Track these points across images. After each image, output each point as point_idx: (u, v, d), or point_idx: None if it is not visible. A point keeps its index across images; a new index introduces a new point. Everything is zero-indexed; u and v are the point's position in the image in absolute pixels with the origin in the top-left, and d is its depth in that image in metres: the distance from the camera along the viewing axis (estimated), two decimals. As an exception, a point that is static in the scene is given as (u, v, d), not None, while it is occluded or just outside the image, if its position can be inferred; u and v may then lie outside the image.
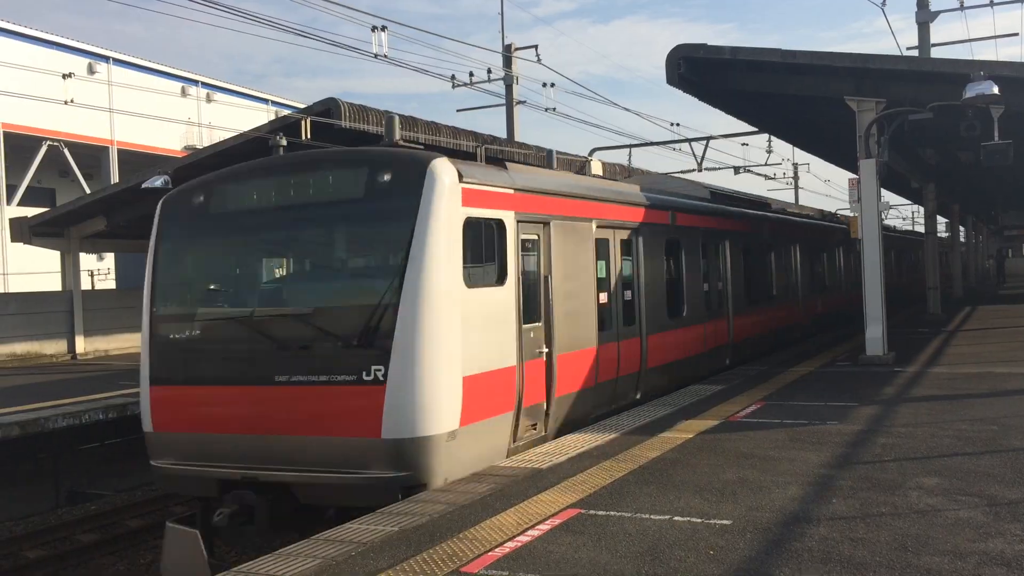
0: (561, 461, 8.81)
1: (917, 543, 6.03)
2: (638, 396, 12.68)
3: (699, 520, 6.70)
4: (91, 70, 37.89)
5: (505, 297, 9.35)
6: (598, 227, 11.71)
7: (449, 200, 8.52)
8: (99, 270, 36.08)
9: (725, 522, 6.63)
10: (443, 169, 8.61)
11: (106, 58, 39.65)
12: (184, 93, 41.28)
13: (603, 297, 11.75)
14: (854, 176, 16.67)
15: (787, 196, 54.71)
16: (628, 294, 12.72)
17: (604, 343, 11.63)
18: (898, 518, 6.61)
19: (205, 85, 45.36)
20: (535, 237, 10.22)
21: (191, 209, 9.49)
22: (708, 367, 15.58)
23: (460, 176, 8.76)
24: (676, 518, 6.78)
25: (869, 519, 6.60)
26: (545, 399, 10.15)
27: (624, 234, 12.64)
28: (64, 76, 29.50)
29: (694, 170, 31.12)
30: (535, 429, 9.98)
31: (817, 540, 6.14)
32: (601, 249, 11.89)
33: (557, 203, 10.67)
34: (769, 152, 36.72)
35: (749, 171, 36.59)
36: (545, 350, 10.13)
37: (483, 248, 9.08)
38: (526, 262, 9.98)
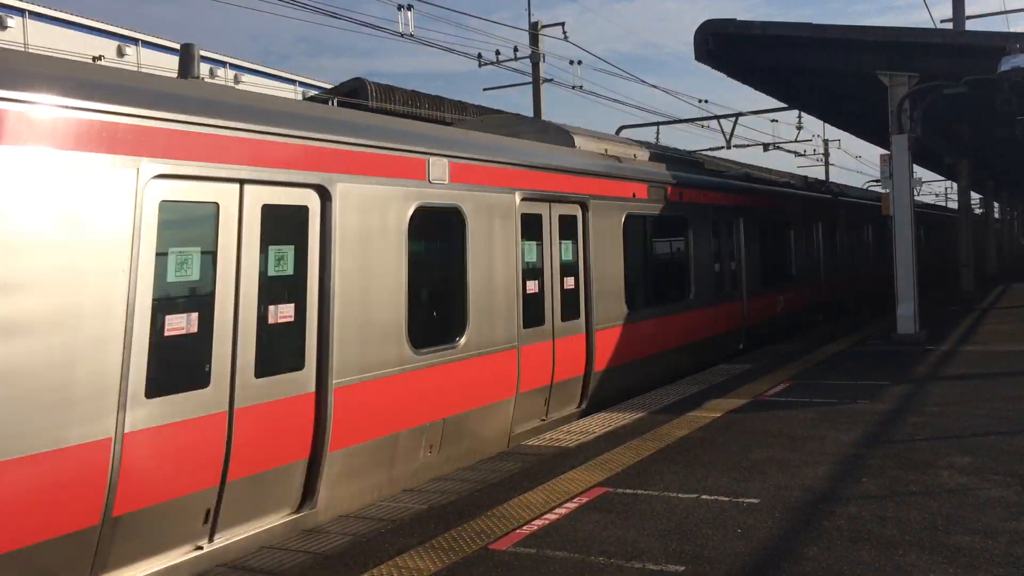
0: (588, 440, 8.84)
1: (948, 522, 5.99)
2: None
3: (727, 499, 6.70)
4: (120, 52, 38.17)
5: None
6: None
7: None
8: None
9: (753, 501, 6.62)
10: None
11: (135, 40, 39.91)
12: (212, 75, 41.52)
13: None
14: (886, 152, 16.44)
15: (818, 172, 54.18)
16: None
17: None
18: (929, 497, 6.57)
19: (233, 66, 45.58)
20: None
21: None
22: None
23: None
24: (704, 496, 6.79)
25: (899, 498, 6.56)
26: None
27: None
28: (94, 59, 29.77)
29: (722, 147, 30.85)
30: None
31: (846, 519, 6.12)
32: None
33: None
34: (799, 128, 36.27)
35: (779, 148, 36.18)
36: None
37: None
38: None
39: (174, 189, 5.94)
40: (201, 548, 6.08)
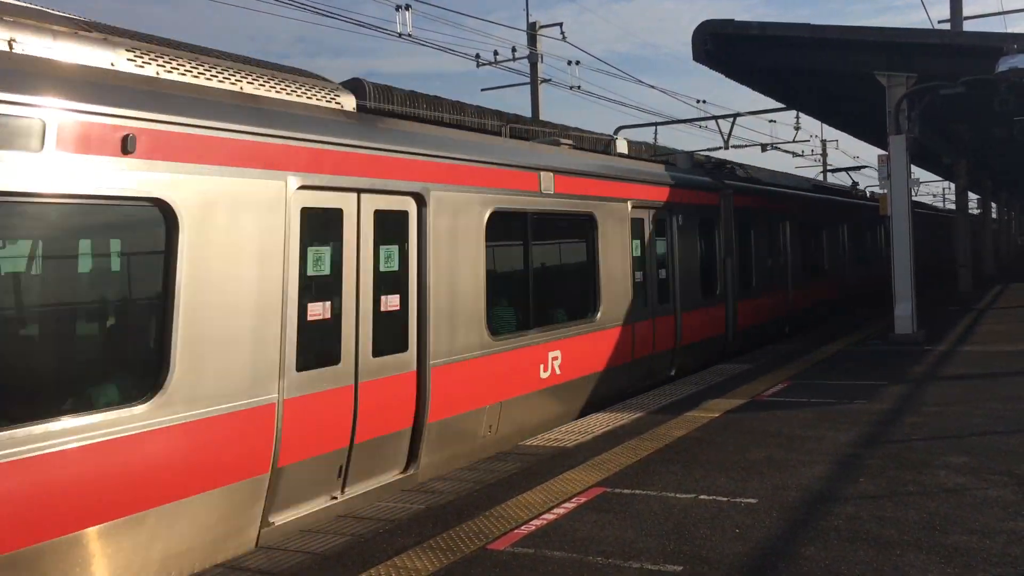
0: (586, 440, 8.84)
1: (945, 521, 6.00)
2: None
3: (725, 499, 6.71)
4: (119, 52, 38.08)
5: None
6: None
7: None
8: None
9: (751, 500, 6.63)
10: None
11: (133, 40, 39.82)
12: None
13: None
14: (884, 152, 16.46)
15: (815, 173, 54.17)
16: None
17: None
18: (926, 497, 6.57)
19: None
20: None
21: None
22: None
23: None
24: (702, 496, 6.79)
25: (896, 498, 6.57)
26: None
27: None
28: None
29: (720, 148, 30.85)
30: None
31: (844, 519, 6.13)
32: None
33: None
34: (797, 129, 36.34)
35: (777, 148, 36.22)
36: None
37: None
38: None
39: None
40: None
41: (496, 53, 25.92)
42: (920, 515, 6.16)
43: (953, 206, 34.50)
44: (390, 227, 7.90)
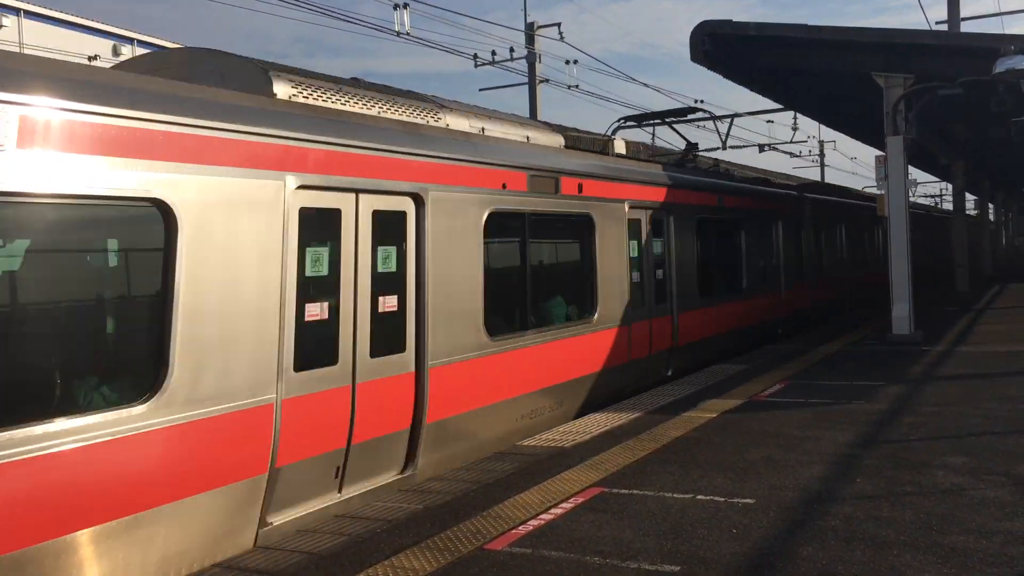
0: (584, 440, 8.84)
1: (942, 522, 6.01)
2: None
3: (722, 499, 6.71)
4: (116, 52, 38.10)
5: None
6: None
7: None
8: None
9: (748, 501, 6.63)
10: None
11: (131, 40, 39.84)
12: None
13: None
14: (881, 153, 16.48)
15: (813, 174, 54.21)
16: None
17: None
18: (923, 497, 6.58)
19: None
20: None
21: None
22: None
23: None
24: (699, 497, 6.79)
25: (894, 498, 6.57)
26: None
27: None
28: (90, 58, 29.73)
29: (718, 148, 30.87)
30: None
31: (841, 519, 6.13)
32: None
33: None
34: (795, 129, 36.44)
35: (775, 149, 36.27)
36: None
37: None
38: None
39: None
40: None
41: (494, 53, 25.94)
42: (917, 515, 6.17)
43: (950, 207, 34.52)
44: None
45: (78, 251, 5.56)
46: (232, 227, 6.29)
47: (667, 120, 18.37)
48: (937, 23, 29.35)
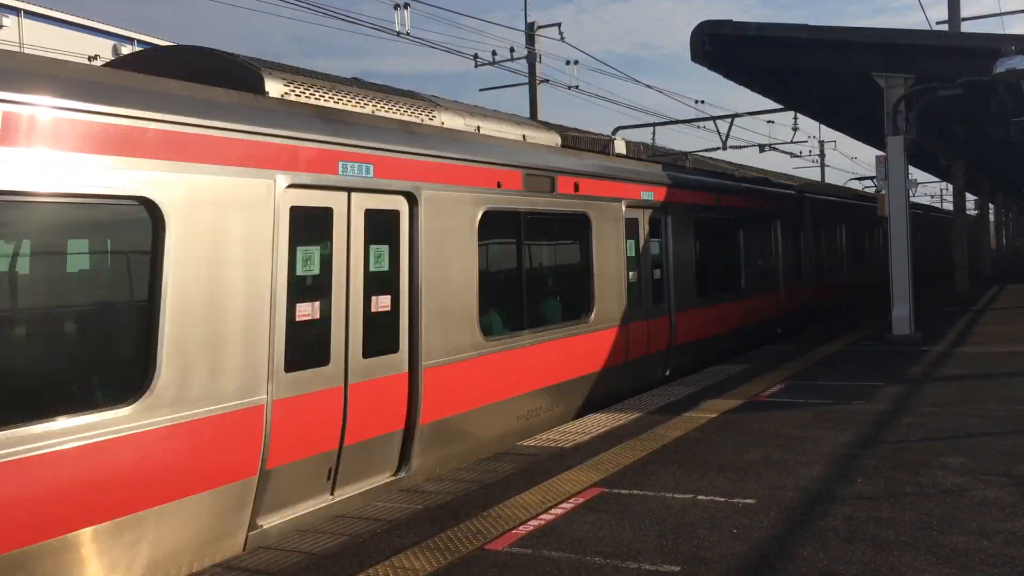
0: (584, 440, 8.84)
1: (942, 522, 6.01)
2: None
3: (722, 499, 6.71)
4: (116, 52, 38.12)
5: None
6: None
7: None
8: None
9: (749, 501, 6.64)
10: None
11: (131, 40, 39.85)
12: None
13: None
14: (881, 153, 16.48)
15: (813, 174, 54.25)
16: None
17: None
18: (923, 497, 6.58)
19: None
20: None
21: None
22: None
23: None
24: (699, 497, 6.80)
25: (894, 498, 6.58)
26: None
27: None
28: (90, 58, 29.72)
29: (719, 148, 30.89)
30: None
31: (841, 519, 6.13)
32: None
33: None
34: (795, 129, 36.41)
35: (775, 149, 36.28)
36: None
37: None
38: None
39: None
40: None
41: (494, 53, 25.94)
42: (917, 516, 6.17)
43: (950, 207, 34.52)
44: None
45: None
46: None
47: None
48: (937, 23, 29.38)
